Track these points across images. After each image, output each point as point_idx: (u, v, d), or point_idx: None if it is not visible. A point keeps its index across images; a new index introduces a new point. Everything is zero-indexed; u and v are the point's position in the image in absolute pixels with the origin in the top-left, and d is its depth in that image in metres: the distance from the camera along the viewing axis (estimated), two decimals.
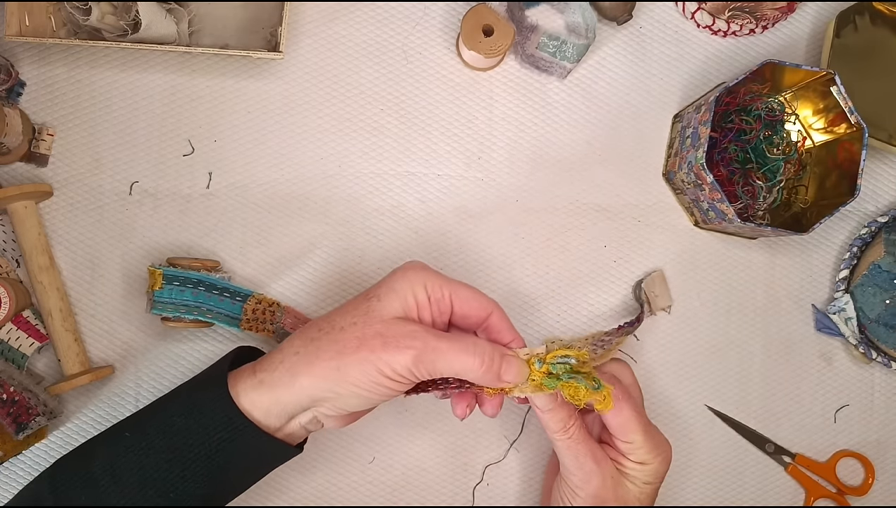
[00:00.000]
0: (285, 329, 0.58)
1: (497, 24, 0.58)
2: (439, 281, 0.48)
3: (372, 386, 0.45)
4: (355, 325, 0.46)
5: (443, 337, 0.46)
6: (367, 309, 0.47)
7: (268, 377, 0.46)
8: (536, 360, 0.48)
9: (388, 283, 0.48)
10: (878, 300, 0.62)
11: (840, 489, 0.64)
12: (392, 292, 0.48)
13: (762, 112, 0.62)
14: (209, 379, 0.49)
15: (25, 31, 0.56)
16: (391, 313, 0.47)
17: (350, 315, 0.47)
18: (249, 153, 0.60)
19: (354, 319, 0.47)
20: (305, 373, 0.46)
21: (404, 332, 0.46)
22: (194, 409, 0.47)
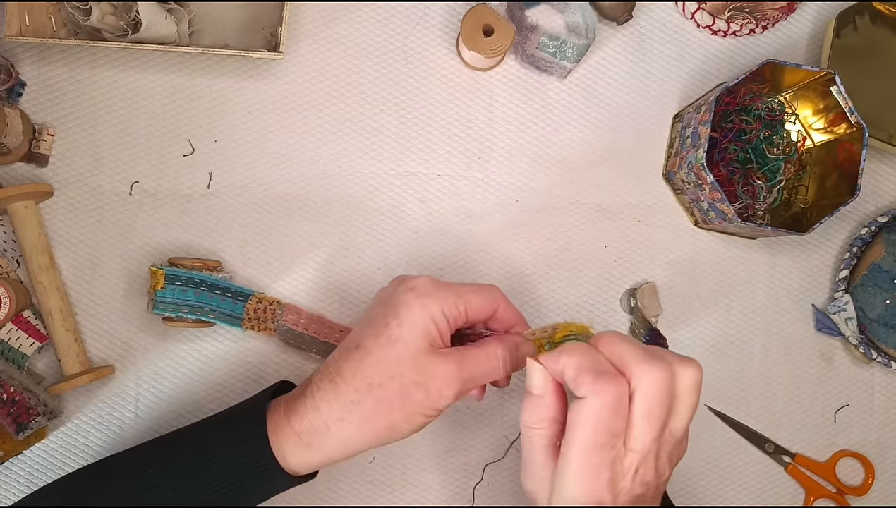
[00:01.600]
0: (287, 326, 0.58)
1: (497, 24, 0.58)
2: (453, 299, 0.48)
3: (419, 427, 0.49)
4: (392, 380, 0.47)
5: (472, 365, 0.48)
6: (392, 351, 0.47)
7: (317, 442, 0.47)
8: (547, 343, 0.50)
9: (405, 314, 0.47)
10: (878, 300, 0.62)
11: (840, 489, 0.64)
12: (413, 328, 0.47)
13: (762, 112, 0.62)
14: (246, 426, 0.49)
15: (25, 31, 0.56)
16: (418, 349, 0.47)
17: (377, 362, 0.47)
18: (249, 153, 0.61)
19: (388, 371, 0.47)
20: (358, 439, 0.47)
21: (441, 377, 0.47)
22: (233, 459, 0.47)
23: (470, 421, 0.61)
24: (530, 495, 0.47)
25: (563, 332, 0.49)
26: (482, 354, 0.48)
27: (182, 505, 0.47)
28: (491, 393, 0.61)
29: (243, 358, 0.59)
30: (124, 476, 0.49)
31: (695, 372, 0.44)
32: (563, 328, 0.50)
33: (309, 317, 0.59)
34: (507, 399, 0.61)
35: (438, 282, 0.49)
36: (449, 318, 0.48)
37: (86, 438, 0.58)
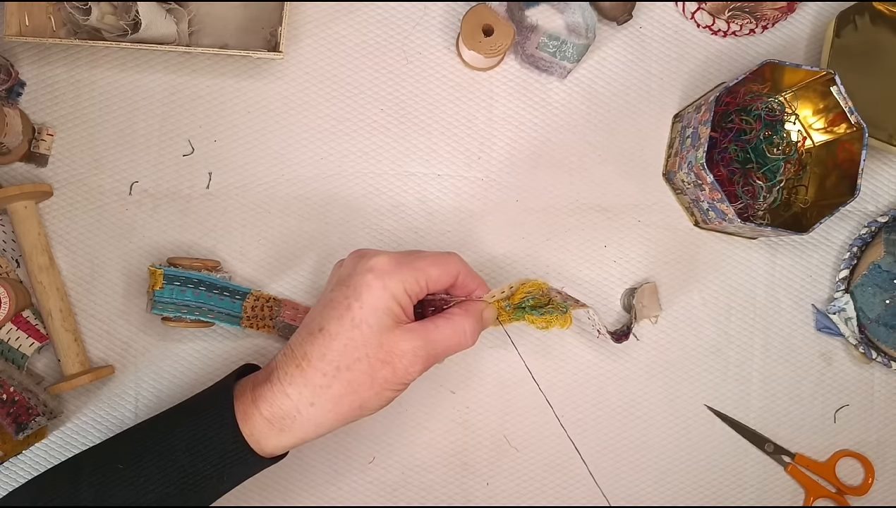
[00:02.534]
0: (285, 321, 0.58)
1: (497, 24, 0.58)
2: (413, 275, 0.48)
3: (388, 402, 0.50)
4: (359, 361, 0.47)
5: (439, 340, 0.49)
6: (357, 333, 0.47)
7: (288, 426, 0.48)
8: (507, 304, 0.53)
9: (367, 295, 0.47)
10: (878, 300, 0.62)
11: (840, 489, 0.64)
12: (375, 308, 0.47)
13: (762, 112, 0.62)
14: (214, 415, 0.48)
15: (25, 31, 0.56)
16: (382, 328, 0.47)
17: (344, 346, 0.47)
18: (249, 153, 0.61)
19: (355, 353, 0.47)
20: (330, 421, 0.48)
21: (407, 354, 0.48)
22: (203, 448, 0.47)
23: (470, 421, 0.61)
24: None
25: (521, 294, 0.53)
26: (449, 329, 0.49)
27: (152, 499, 0.47)
28: (491, 394, 0.61)
29: (243, 358, 0.59)
30: (92, 472, 0.48)
31: None
32: (521, 288, 0.53)
33: (306, 311, 0.59)
34: (507, 399, 0.62)
35: (397, 259, 0.49)
36: (410, 294, 0.49)
37: (85, 438, 0.58)
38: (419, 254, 0.50)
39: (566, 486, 0.62)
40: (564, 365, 0.62)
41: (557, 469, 0.62)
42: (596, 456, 0.62)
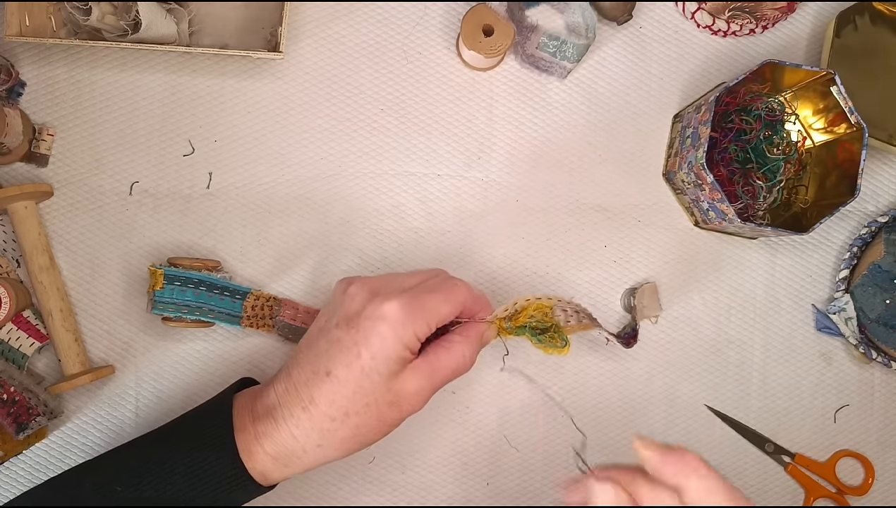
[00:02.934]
0: (285, 321, 0.58)
1: (497, 24, 0.58)
2: (425, 319, 0.48)
3: (390, 432, 0.50)
4: (368, 407, 0.47)
5: (441, 372, 0.49)
6: (367, 381, 0.47)
7: (294, 462, 0.48)
8: (507, 323, 0.53)
9: (379, 346, 0.46)
10: (878, 300, 0.62)
11: (840, 489, 0.64)
12: (387, 359, 0.47)
13: (762, 112, 0.62)
14: (215, 448, 0.48)
15: (25, 31, 0.56)
16: (392, 375, 0.47)
17: (353, 393, 0.47)
18: (249, 153, 0.61)
19: (363, 399, 0.47)
20: (335, 456, 0.49)
21: (413, 395, 0.48)
22: (200, 471, 0.47)
23: (470, 421, 0.61)
24: None
25: (524, 317, 0.53)
26: (451, 360, 0.50)
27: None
28: (491, 394, 0.61)
29: (243, 358, 0.59)
30: (93, 492, 0.48)
31: None
32: (525, 311, 0.53)
33: (306, 311, 0.59)
34: (507, 398, 0.61)
35: (409, 304, 0.47)
36: (420, 337, 0.48)
37: (86, 438, 0.58)
38: (430, 291, 0.49)
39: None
40: (564, 366, 0.62)
41: (557, 469, 0.62)
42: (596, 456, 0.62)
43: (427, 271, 0.53)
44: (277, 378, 0.50)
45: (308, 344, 0.50)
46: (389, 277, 0.52)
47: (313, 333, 0.51)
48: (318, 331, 0.50)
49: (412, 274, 0.52)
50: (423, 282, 0.51)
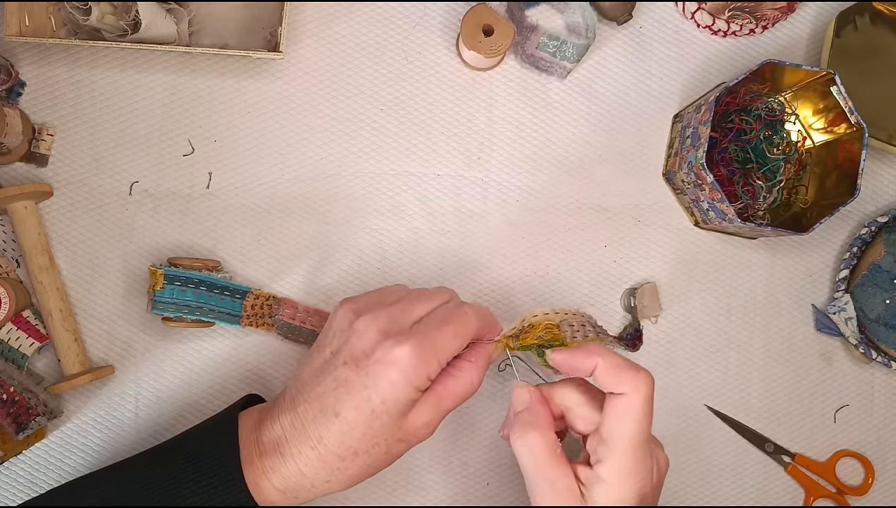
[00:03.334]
0: (284, 320, 0.58)
1: (497, 24, 0.58)
2: (437, 359, 0.47)
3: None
4: (377, 446, 0.47)
5: (447, 397, 0.49)
6: (377, 423, 0.46)
7: (303, 495, 0.48)
8: (514, 341, 0.53)
9: (391, 392, 0.46)
10: (878, 300, 0.62)
11: (840, 489, 0.64)
12: (398, 402, 0.46)
13: (762, 112, 0.62)
14: (220, 466, 0.47)
15: (25, 31, 0.56)
16: (402, 413, 0.47)
17: (362, 434, 0.46)
18: (249, 153, 0.61)
19: (373, 440, 0.47)
20: (343, 489, 0.49)
21: (422, 428, 0.48)
22: (207, 498, 0.47)
23: (470, 421, 0.61)
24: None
25: (532, 338, 0.52)
26: (459, 387, 0.49)
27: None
28: (489, 394, 0.61)
29: (243, 358, 0.59)
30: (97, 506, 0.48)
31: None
32: (532, 331, 0.52)
33: (305, 311, 0.59)
34: (507, 398, 0.61)
35: (421, 346, 0.46)
36: (432, 377, 0.47)
37: (86, 438, 0.58)
38: (440, 326, 0.48)
39: None
40: None
41: None
42: None
43: (434, 294, 0.51)
44: (282, 407, 0.48)
45: (314, 376, 0.48)
46: (398, 310, 0.49)
47: (317, 363, 0.49)
48: (322, 363, 0.48)
49: (419, 299, 0.50)
50: (433, 313, 0.49)
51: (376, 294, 0.52)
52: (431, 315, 0.49)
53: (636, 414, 0.45)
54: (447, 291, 0.53)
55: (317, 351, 0.50)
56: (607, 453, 0.46)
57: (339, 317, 0.49)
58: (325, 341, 0.50)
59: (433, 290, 0.53)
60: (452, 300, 0.52)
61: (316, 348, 0.50)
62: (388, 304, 0.49)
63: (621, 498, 0.45)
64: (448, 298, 0.52)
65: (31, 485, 0.57)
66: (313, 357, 0.50)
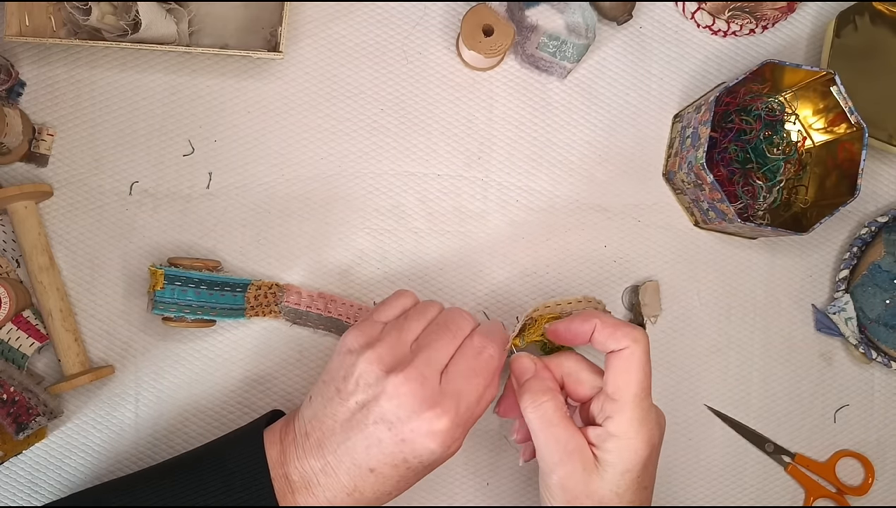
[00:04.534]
0: (290, 306, 0.58)
1: (497, 24, 0.58)
2: (472, 419, 0.48)
3: None
4: (409, 483, 0.48)
5: (471, 420, 0.49)
6: (411, 473, 0.47)
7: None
8: (522, 342, 0.56)
9: (430, 459, 0.46)
10: (878, 300, 0.62)
11: (840, 489, 0.64)
12: (435, 461, 0.47)
13: (762, 112, 0.62)
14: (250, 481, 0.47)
15: (25, 31, 0.56)
16: (438, 462, 0.48)
17: (396, 482, 0.47)
18: (249, 153, 0.61)
19: (406, 484, 0.48)
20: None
21: (449, 459, 0.49)
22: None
23: None
24: (560, 483, 0.48)
25: (536, 334, 0.55)
26: (480, 409, 0.49)
27: None
28: None
29: (243, 358, 0.59)
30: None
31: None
32: (536, 325, 0.55)
33: (309, 295, 0.59)
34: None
35: (458, 416, 0.46)
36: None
37: (86, 438, 0.58)
38: (472, 380, 0.47)
39: None
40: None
41: None
42: None
43: (452, 322, 0.49)
44: (307, 448, 0.47)
45: (341, 427, 0.47)
46: (425, 363, 0.47)
47: (341, 412, 0.47)
48: (349, 414, 0.47)
49: (441, 336, 0.48)
50: (459, 359, 0.48)
51: (395, 331, 0.48)
52: (459, 364, 0.48)
53: (638, 363, 0.48)
54: (462, 316, 0.50)
55: (337, 396, 0.47)
56: (616, 407, 0.48)
57: (363, 369, 0.47)
58: (346, 388, 0.47)
59: (449, 316, 0.50)
60: (470, 324, 0.50)
61: (336, 391, 0.47)
62: (409, 342, 0.48)
63: (635, 449, 0.47)
64: (466, 325, 0.50)
65: (31, 485, 0.57)
66: (333, 400, 0.47)
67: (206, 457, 0.50)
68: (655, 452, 0.49)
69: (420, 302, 0.52)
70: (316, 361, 0.60)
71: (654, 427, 0.49)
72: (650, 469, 0.49)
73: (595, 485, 0.47)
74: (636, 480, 0.48)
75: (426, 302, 0.52)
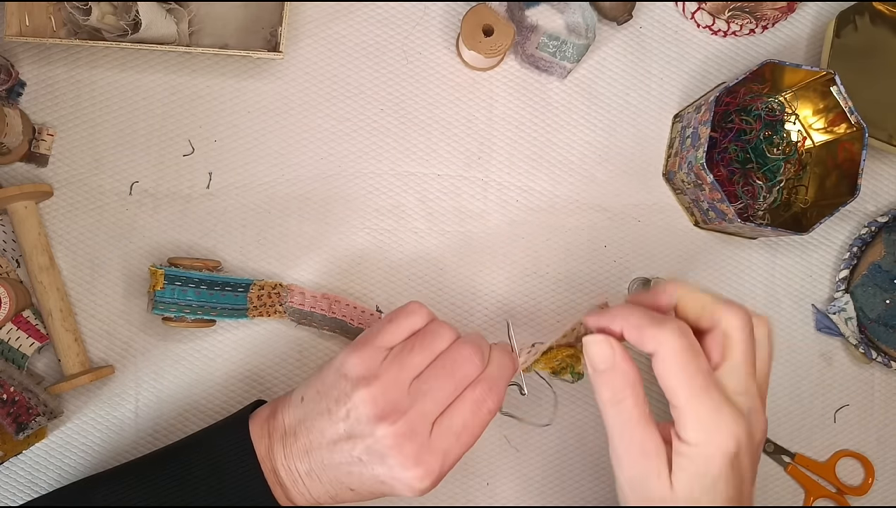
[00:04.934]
0: (294, 306, 0.58)
1: (497, 24, 0.58)
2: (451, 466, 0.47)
3: None
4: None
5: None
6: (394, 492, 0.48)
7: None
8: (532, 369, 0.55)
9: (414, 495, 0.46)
10: (878, 300, 0.62)
11: (840, 489, 0.64)
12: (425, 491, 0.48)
13: (762, 112, 0.62)
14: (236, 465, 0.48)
15: (25, 31, 0.56)
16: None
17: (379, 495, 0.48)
18: (249, 153, 0.61)
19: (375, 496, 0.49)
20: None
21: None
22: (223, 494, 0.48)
23: None
24: (630, 483, 0.45)
25: (551, 362, 0.54)
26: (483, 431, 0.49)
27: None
28: None
29: (243, 357, 0.59)
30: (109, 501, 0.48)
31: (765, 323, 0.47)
32: (551, 355, 0.54)
33: (313, 296, 0.58)
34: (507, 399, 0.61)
35: (441, 472, 0.46)
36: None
37: (86, 438, 0.58)
38: (462, 437, 0.47)
39: (566, 486, 0.62)
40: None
41: (557, 469, 0.62)
42: (596, 456, 0.62)
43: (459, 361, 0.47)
44: (293, 450, 0.48)
45: (327, 447, 0.47)
46: (420, 415, 0.46)
47: (329, 431, 0.46)
48: (335, 437, 0.46)
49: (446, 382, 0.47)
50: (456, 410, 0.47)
51: (396, 367, 0.46)
52: (454, 417, 0.47)
53: (672, 367, 0.43)
54: (469, 361, 0.48)
55: (328, 415, 0.47)
56: (676, 413, 0.44)
57: (356, 404, 0.46)
58: (337, 411, 0.46)
59: (456, 358, 0.48)
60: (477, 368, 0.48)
61: (327, 410, 0.47)
62: (408, 381, 0.46)
63: (706, 455, 0.43)
64: (473, 370, 0.48)
65: (31, 485, 0.57)
66: (324, 416, 0.47)
67: (192, 446, 0.51)
68: (734, 458, 0.43)
69: (430, 326, 0.49)
70: (316, 361, 0.60)
71: (730, 429, 0.42)
72: (731, 476, 0.43)
73: (666, 490, 0.44)
74: (712, 487, 0.43)
75: (435, 328, 0.48)
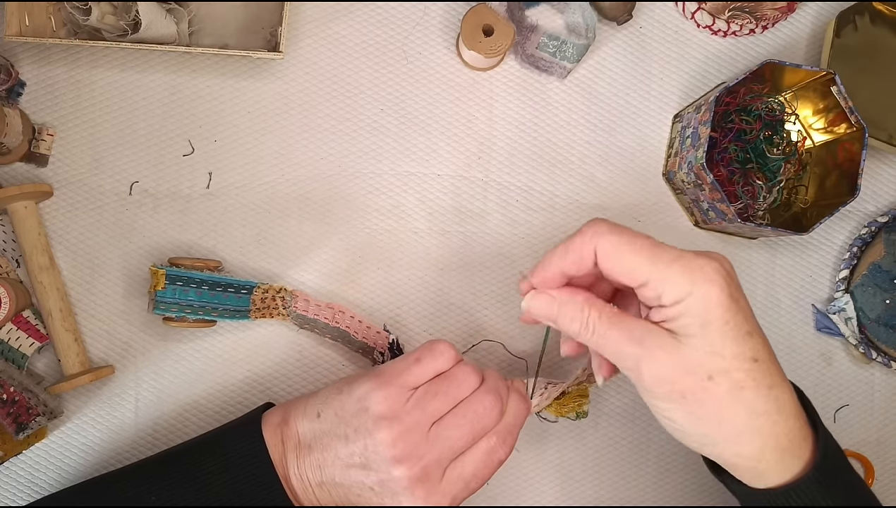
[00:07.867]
0: (298, 311, 0.58)
1: (497, 24, 0.58)
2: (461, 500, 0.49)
3: None
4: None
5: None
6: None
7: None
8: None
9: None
10: (878, 300, 0.62)
11: None
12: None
13: (762, 112, 0.62)
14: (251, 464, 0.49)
15: (25, 31, 0.56)
16: None
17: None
18: (249, 153, 0.61)
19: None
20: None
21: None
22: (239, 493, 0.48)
23: None
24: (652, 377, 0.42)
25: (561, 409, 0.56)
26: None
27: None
28: None
29: (243, 358, 0.59)
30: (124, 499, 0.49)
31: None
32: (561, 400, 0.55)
33: (317, 305, 0.58)
34: None
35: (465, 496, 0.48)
36: None
37: (86, 438, 0.58)
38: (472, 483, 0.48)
39: (566, 486, 0.62)
40: (564, 365, 0.62)
41: (557, 469, 0.62)
42: (596, 456, 0.62)
43: (480, 410, 0.48)
44: (306, 460, 0.49)
45: (341, 469, 0.48)
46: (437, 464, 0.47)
47: (343, 454, 0.47)
48: (349, 462, 0.47)
49: (466, 434, 0.48)
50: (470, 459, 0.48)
51: (418, 411, 0.47)
52: (467, 465, 0.48)
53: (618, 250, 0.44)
54: (490, 413, 0.49)
55: (346, 441, 0.48)
56: (645, 290, 0.43)
57: (376, 441, 0.47)
58: (355, 440, 0.47)
59: (477, 409, 0.48)
60: (494, 419, 0.49)
61: (345, 437, 0.48)
62: (429, 424, 0.48)
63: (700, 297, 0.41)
64: (491, 421, 0.49)
65: (31, 485, 0.57)
66: (341, 440, 0.48)
67: (205, 445, 0.51)
68: (730, 291, 0.41)
69: (455, 370, 0.49)
70: (316, 363, 0.60)
71: (705, 266, 0.41)
72: (738, 313, 0.42)
73: (685, 357, 0.41)
74: (724, 329, 0.41)
75: (460, 375, 0.49)
